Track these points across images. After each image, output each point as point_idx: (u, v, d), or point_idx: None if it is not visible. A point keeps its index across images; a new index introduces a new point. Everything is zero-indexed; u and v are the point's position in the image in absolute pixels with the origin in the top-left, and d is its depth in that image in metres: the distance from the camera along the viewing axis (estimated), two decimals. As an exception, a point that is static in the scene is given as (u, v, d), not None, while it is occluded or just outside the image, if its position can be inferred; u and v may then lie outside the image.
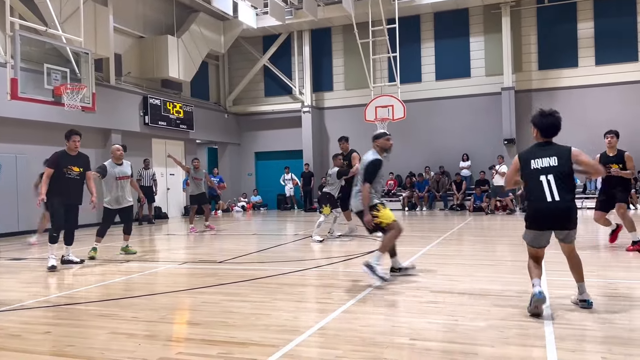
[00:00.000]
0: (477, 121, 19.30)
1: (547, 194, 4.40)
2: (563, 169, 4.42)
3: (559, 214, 4.39)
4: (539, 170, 4.48)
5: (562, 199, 4.36)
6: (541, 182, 4.44)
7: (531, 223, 4.50)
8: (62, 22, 12.99)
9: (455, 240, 10.02)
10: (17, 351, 3.83)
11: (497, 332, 3.94)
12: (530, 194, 4.55)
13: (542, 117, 4.64)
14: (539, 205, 4.44)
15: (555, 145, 4.59)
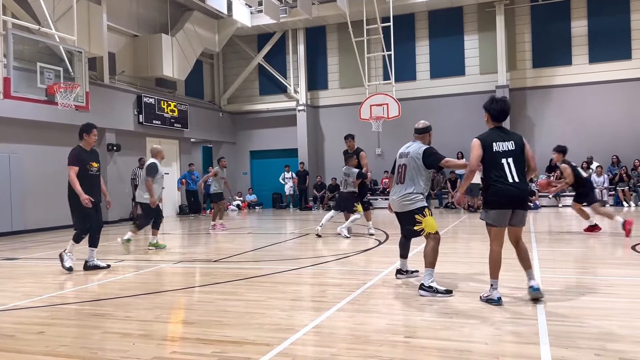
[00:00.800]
0: (472, 119, 19.27)
1: (509, 175, 4.71)
2: (518, 154, 4.78)
3: (518, 193, 4.69)
4: (500, 153, 4.77)
5: (520, 181, 4.71)
6: (502, 164, 4.74)
7: (495, 203, 4.73)
8: (55, 21, 12.93)
9: (450, 238, 10.04)
10: (11, 351, 3.81)
11: (492, 330, 3.95)
12: (491, 176, 4.77)
13: (494, 103, 4.95)
14: (502, 185, 4.69)
15: (510, 132, 4.97)
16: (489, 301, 4.73)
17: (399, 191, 5.58)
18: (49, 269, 7.70)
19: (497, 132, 4.90)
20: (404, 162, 5.63)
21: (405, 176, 5.54)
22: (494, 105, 4.93)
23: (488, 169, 4.81)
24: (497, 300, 4.67)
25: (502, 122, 4.95)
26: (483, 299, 4.81)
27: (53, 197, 14.18)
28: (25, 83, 11.31)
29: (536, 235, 9.83)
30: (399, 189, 5.60)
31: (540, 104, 18.88)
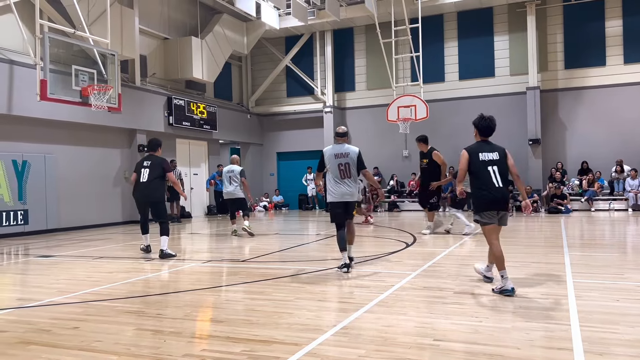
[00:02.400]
0: (502, 121, 18.74)
1: (494, 181, 5.41)
2: (502, 163, 5.50)
3: (502, 197, 5.40)
4: (486, 162, 5.49)
5: (503, 186, 5.42)
6: (489, 171, 5.44)
7: (485, 206, 5.39)
8: (90, 24, 13.25)
9: (478, 241, 9.90)
10: (48, 345, 3.93)
11: (523, 334, 3.89)
12: (479, 182, 5.44)
13: (482, 120, 5.72)
14: (489, 190, 5.37)
15: (493, 144, 5.69)
16: (503, 292, 5.16)
17: (351, 184, 6.82)
18: (82, 266, 7.90)
19: (484, 144, 5.65)
20: (346, 161, 6.83)
21: (350, 172, 6.82)
22: (482, 122, 5.69)
23: (474, 175, 5.48)
24: (511, 290, 5.12)
25: (488, 137, 5.70)
26: (496, 291, 5.23)
27: (86, 196, 14.55)
28: (60, 85, 11.64)
29: (568, 240, 9.63)
30: (350, 182, 6.82)
31: (573, 106, 18.49)
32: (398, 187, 19.94)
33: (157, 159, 8.80)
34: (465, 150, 5.61)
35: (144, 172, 8.69)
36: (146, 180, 8.62)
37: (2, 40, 12.85)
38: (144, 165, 8.75)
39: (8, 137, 12.81)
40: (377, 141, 20.79)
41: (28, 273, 7.55)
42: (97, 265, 8.00)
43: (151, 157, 8.85)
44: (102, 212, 15.14)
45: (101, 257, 8.76)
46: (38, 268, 7.85)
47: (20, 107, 12.52)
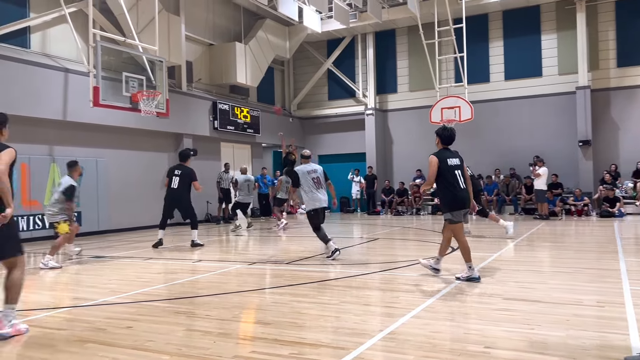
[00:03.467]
0: (550, 122, 18.51)
1: (460, 183, 6.20)
2: (462, 167, 6.35)
3: (467, 197, 6.24)
4: (453, 167, 6.20)
5: (466, 187, 6.29)
6: (456, 175, 6.21)
7: (455, 205, 6.14)
8: (139, 32, 13.69)
9: (527, 246, 9.65)
10: (104, 344, 4.07)
11: (578, 343, 3.77)
12: (449, 184, 6.15)
13: (445, 130, 6.50)
14: (458, 191, 6.15)
15: (453, 151, 6.46)
16: (471, 279, 5.99)
17: (324, 193, 8.54)
18: (133, 267, 8.15)
19: (447, 151, 6.38)
20: (317, 175, 8.57)
21: (322, 184, 8.52)
22: (445, 132, 6.45)
23: (445, 178, 6.15)
24: (478, 278, 6.01)
25: (449, 145, 6.43)
26: (463, 279, 6.03)
27: (135, 199, 15.01)
28: (111, 91, 12.06)
29: (623, 244, 9.25)
30: (323, 191, 8.53)
31: (625, 105, 17.75)
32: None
33: (187, 169, 10.21)
34: (434, 157, 6.26)
35: (175, 179, 10.15)
36: (177, 187, 10.09)
37: (57, 50, 13.42)
38: (175, 174, 10.19)
39: (63, 142, 13.36)
40: (420, 143, 20.52)
41: (82, 273, 7.85)
42: (146, 266, 8.23)
43: (181, 166, 10.25)
44: (150, 214, 15.54)
45: (150, 258, 9.01)
46: (91, 268, 8.14)
47: (74, 113, 13.04)
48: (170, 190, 10.23)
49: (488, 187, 18.32)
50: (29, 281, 7.38)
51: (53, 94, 12.70)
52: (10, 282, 4.34)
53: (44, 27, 13.22)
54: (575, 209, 16.41)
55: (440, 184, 6.23)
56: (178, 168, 10.37)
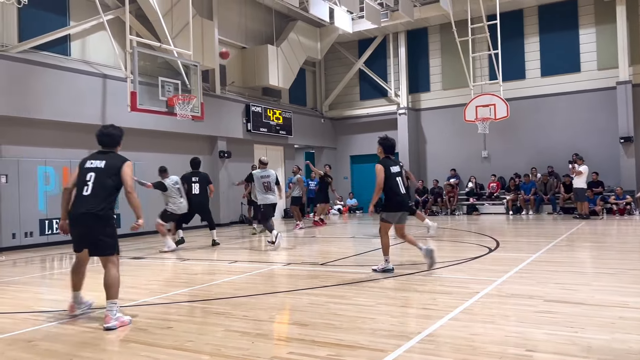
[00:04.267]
0: (589, 118, 17.99)
1: (401, 188, 6.97)
2: (402, 174, 7.09)
3: (405, 201, 7.06)
4: (394, 174, 6.94)
5: (406, 192, 7.16)
6: (397, 181, 6.93)
7: (393, 207, 6.89)
8: (174, 37, 13.95)
9: (567, 246, 9.40)
10: (145, 344, 4.16)
11: (624, 347, 3.65)
12: (391, 189, 6.88)
13: (386, 140, 7.10)
14: (398, 196, 6.91)
15: (394, 159, 7.12)
16: (386, 271, 6.83)
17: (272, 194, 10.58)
18: (171, 268, 8.31)
19: (389, 160, 7.04)
20: (268, 180, 10.59)
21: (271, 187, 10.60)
22: (386, 142, 7.09)
23: (388, 185, 6.85)
24: (392, 269, 6.89)
25: (391, 154, 7.08)
26: (379, 270, 6.87)
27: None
28: (147, 96, 12.34)
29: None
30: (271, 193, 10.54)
31: (670, 100, 17.10)
32: (477, 189, 19.34)
33: (203, 174, 11.26)
34: (380, 165, 6.89)
35: (195, 186, 10.89)
36: (199, 192, 10.90)
37: (96, 56, 13.81)
38: (194, 180, 10.93)
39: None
40: (454, 142, 20.29)
41: (123, 274, 7.99)
42: (184, 267, 8.39)
43: (197, 172, 11.10)
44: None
45: (187, 259, 9.17)
46: (131, 269, 8.34)
47: (113, 118, 13.34)
48: (193, 197, 10.83)
49: (525, 185, 17.94)
50: (72, 282, 7.61)
51: (92, 99, 13.08)
52: (109, 281, 4.79)
53: (83, 35, 13.63)
54: (617, 207, 15.90)
55: (385, 189, 6.93)
56: (195, 175, 11.03)
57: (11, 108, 11.53)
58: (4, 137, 11.79)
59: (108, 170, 4.94)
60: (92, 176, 4.88)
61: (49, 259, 10.13)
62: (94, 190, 4.83)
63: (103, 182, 4.88)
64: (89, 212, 4.76)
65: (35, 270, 8.74)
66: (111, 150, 5.18)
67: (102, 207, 4.80)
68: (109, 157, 5.07)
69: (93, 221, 4.78)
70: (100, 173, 4.89)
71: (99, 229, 4.79)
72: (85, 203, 4.80)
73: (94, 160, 5.00)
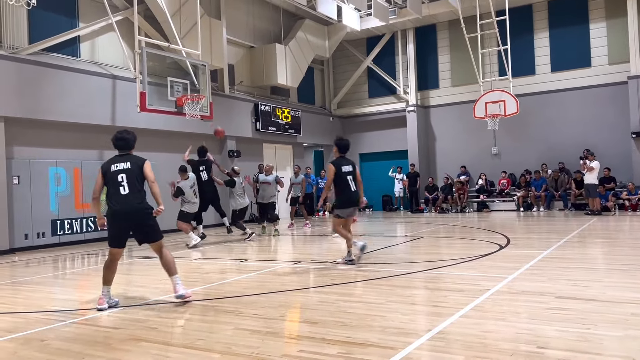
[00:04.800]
0: (600, 114, 17.82)
1: (351, 186, 7.43)
2: (354, 173, 7.54)
3: (355, 198, 7.48)
4: (346, 173, 7.44)
5: (356, 190, 7.52)
6: (348, 180, 7.45)
7: (345, 204, 7.48)
8: (182, 38, 13.99)
9: (579, 242, 9.32)
10: (156, 342, 4.19)
11: (638, 344, 3.61)
12: (342, 188, 7.44)
13: (341, 140, 7.69)
14: (348, 193, 7.47)
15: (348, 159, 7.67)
16: (349, 262, 7.48)
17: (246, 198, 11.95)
18: (181, 267, 8.32)
19: (343, 159, 7.57)
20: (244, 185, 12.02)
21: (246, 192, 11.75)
22: (341, 142, 7.62)
23: (338, 182, 7.41)
24: (353, 261, 7.49)
25: (345, 153, 7.60)
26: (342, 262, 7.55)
27: (181, 201, 15.33)
28: (156, 96, 12.39)
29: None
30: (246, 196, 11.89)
31: (683, 94, 16.88)
32: (487, 186, 19.23)
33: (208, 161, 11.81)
34: (332, 164, 7.44)
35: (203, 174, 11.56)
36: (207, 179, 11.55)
37: (105, 57, 13.90)
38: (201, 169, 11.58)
39: (112, 147, 13.77)
40: (463, 139, 20.19)
41: (133, 273, 8.10)
42: (194, 266, 8.42)
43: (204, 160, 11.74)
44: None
45: (198, 259, 9.21)
46: (142, 269, 8.40)
47: (122, 119, 13.47)
48: (203, 183, 11.39)
49: (536, 182, 17.81)
50: (84, 281, 7.68)
51: (102, 100, 13.16)
52: (167, 260, 5.64)
53: (92, 36, 13.72)
54: (630, 203, 15.75)
55: (336, 187, 7.48)
56: (201, 163, 11.66)
57: (22, 110, 11.63)
58: (15, 138, 11.91)
59: (134, 170, 5.58)
60: (124, 177, 5.51)
61: (61, 259, 10.22)
62: (130, 188, 5.47)
63: (134, 180, 5.53)
64: (134, 208, 5.43)
65: (48, 271, 8.82)
66: (127, 152, 5.75)
67: (142, 201, 5.51)
68: (130, 158, 5.69)
69: (140, 215, 5.49)
70: (130, 173, 5.53)
71: (146, 221, 5.52)
72: (127, 201, 5.43)
73: (119, 163, 5.61)
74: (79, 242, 12.65)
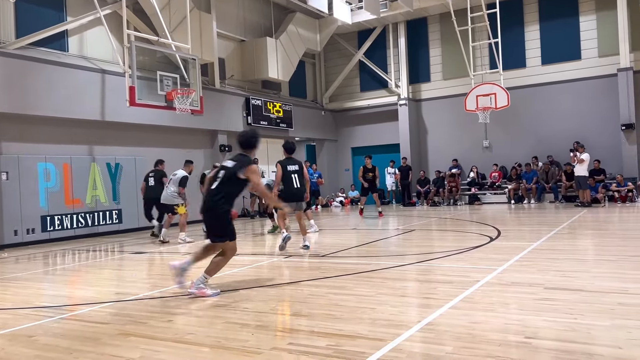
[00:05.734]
0: (590, 106, 17.92)
1: (295, 184, 8.64)
2: (300, 172, 8.74)
3: (298, 193, 8.69)
4: (291, 172, 8.66)
5: (301, 186, 8.72)
6: (292, 177, 8.64)
7: (289, 199, 8.39)
8: (172, 31, 13.89)
9: (569, 234, 9.38)
10: (145, 337, 4.17)
11: (624, 333, 3.64)
12: (287, 184, 8.64)
13: (287, 144, 9.05)
14: (292, 189, 8.62)
15: (295, 159, 8.93)
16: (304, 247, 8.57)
17: None
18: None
19: (289, 160, 8.82)
20: None
21: None
22: (287, 145, 9.01)
23: (285, 180, 8.64)
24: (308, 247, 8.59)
25: (291, 155, 8.89)
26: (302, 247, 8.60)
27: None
28: (146, 91, 12.30)
29: None
30: None
31: (672, 86, 17.00)
32: (479, 179, 19.31)
33: None
34: (279, 164, 8.68)
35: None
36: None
37: (94, 52, 13.78)
38: None
39: (102, 142, 13.73)
40: (455, 132, 20.24)
41: (124, 268, 8.06)
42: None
43: None
44: (188, 210, 15.83)
45: (189, 253, 9.17)
46: (132, 264, 8.36)
47: (112, 113, 13.38)
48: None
49: (527, 174, 17.91)
50: (74, 277, 7.64)
51: (91, 95, 13.05)
52: (217, 260, 5.67)
53: (80, 30, 13.59)
54: (619, 195, 15.87)
55: (283, 184, 8.68)
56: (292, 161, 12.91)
57: (10, 105, 11.52)
58: (3, 134, 11.79)
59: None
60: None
61: (52, 255, 10.16)
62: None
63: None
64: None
65: (38, 267, 8.76)
66: (243, 152, 6.42)
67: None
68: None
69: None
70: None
71: None
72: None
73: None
74: (69, 238, 12.58)
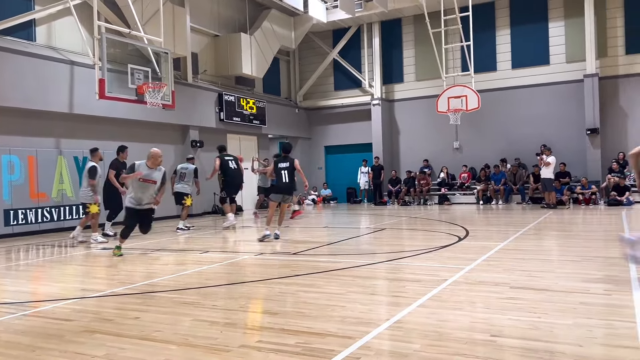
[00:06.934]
0: (557, 110, 18.37)
1: (283, 179, 9.61)
2: (290, 168, 9.68)
3: (285, 187, 9.67)
4: (280, 168, 9.65)
5: (289, 181, 9.65)
6: (281, 173, 9.64)
7: (277, 190, 9.80)
8: (144, 24, 13.65)
9: (534, 235, 9.61)
10: (111, 334, 4.10)
11: (585, 331, 3.75)
12: (277, 178, 9.71)
13: (285, 144, 10.01)
14: (280, 183, 9.68)
15: (287, 157, 9.85)
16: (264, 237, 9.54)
17: None
18: (141, 258, 8.19)
19: (282, 158, 9.86)
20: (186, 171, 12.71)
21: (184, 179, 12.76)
22: (286, 146, 10.01)
23: (276, 175, 9.76)
24: (269, 235, 9.59)
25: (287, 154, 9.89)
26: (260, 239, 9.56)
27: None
28: (117, 84, 12.06)
29: (631, 233, 9.18)
30: None
31: (634, 93, 17.59)
32: (449, 180, 19.59)
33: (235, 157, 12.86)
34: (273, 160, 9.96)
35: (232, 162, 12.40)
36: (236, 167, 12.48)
37: (63, 42, 13.44)
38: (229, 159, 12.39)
39: (69, 135, 13.41)
40: (426, 133, 20.49)
41: (90, 265, 7.90)
42: (154, 257, 8.28)
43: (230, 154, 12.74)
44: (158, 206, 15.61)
45: (159, 250, 9.06)
46: (100, 260, 8.20)
47: (81, 106, 13.08)
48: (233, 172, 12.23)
49: (495, 176, 18.26)
50: (38, 272, 7.45)
51: (59, 86, 12.73)
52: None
53: (49, 20, 13.24)
54: (583, 197, 16.32)
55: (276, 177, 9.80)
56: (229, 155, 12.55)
57: (-27, 95, 11.14)
58: (-35, 124, 11.40)
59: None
60: None
61: (15, 249, 9.89)
62: None
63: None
64: None
65: (0, 262, 8.51)
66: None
67: None
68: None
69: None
70: None
71: None
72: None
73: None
74: (33, 232, 12.25)
